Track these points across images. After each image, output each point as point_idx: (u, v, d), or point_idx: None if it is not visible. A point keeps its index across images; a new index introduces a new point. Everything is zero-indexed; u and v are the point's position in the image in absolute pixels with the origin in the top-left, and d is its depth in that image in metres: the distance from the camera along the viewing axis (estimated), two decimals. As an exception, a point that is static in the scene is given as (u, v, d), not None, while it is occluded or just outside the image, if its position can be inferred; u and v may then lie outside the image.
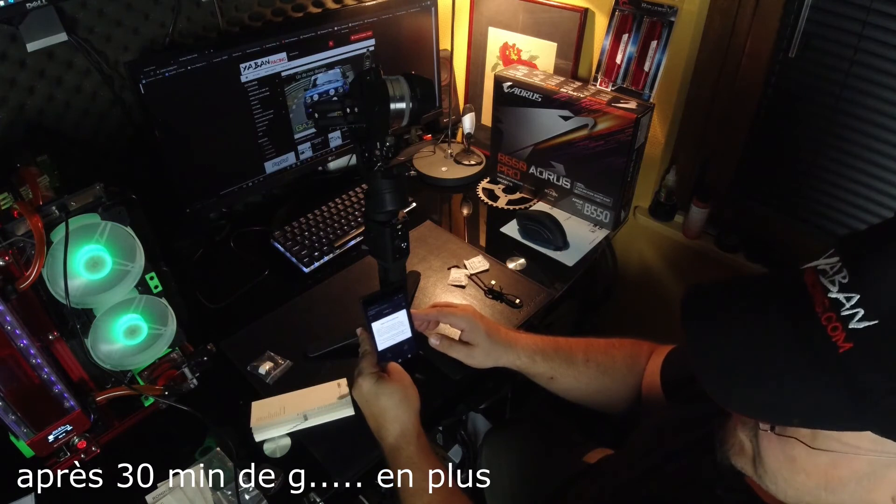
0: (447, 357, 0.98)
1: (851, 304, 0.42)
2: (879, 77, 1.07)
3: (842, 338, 0.42)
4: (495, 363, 0.89)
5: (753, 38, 1.17)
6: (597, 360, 0.88)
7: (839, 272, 0.44)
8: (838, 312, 0.43)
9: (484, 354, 0.88)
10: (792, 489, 0.49)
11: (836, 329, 0.43)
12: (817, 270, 0.46)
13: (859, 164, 1.16)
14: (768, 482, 0.51)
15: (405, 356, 0.94)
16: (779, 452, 0.48)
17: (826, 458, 0.45)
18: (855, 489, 0.46)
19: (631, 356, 0.88)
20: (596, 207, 1.29)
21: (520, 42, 1.42)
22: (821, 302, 0.44)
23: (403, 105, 0.84)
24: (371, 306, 0.89)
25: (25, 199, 0.78)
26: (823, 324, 0.44)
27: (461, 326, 0.89)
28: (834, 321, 0.43)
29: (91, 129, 1.10)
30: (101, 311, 0.81)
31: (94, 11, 1.01)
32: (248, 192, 1.23)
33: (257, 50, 1.10)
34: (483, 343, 0.88)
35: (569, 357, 0.88)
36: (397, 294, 0.90)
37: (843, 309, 0.43)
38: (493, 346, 0.88)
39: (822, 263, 0.46)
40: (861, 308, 0.42)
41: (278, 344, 1.02)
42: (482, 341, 0.88)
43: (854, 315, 0.42)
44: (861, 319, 0.42)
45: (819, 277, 0.45)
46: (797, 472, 0.48)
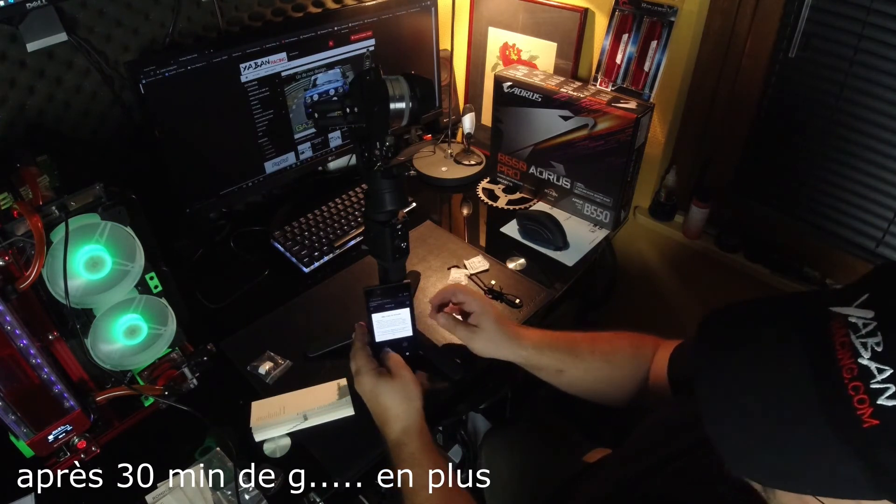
0: (447, 357, 0.99)
1: (883, 378, 0.39)
2: (879, 77, 1.07)
3: (868, 413, 0.39)
4: (496, 352, 0.89)
5: (753, 38, 1.17)
6: (602, 349, 0.89)
7: (873, 335, 0.40)
8: (867, 384, 0.39)
9: (487, 340, 0.88)
10: None
11: (862, 402, 0.39)
12: (847, 323, 0.42)
13: (859, 164, 1.16)
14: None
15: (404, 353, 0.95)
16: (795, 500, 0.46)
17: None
18: None
19: (635, 347, 0.88)
20: (596, 207, 1.29)
21: (520, 42, 1.42)
22: (849, 367, 0.41)
23: (403, 105, 0.84)
24: (373, 298, 0.90)
25: (25, 199, 0.78)
26: (850, 394, 0.40)
27: (472, 308, 0.89)
28: (861, 392, 0.40)
29: (91, 129, 1.10)
30: (101, 311, 0.81)
31: (94, 11, 1.01)
32: (248, 192, 1.23)
33: (257, 50, 1.10)
34: (489, 328, 0.88)
35: (574, 348, 0.89)
36: (402, 292, 0.91)
37: (873, 381, 0.39)
38: (498, 334, 0.88)
39: (854, 316, 0.42)
40: (893, 384, 0.39)
41: (278, 344, 1.02)
42: (489, 326, 0.88)
43: (885, 391, 0.39)
44: (891, 397, 0.38)
45: (850, 335, 0.41)
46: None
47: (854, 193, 1.19)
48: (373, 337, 0.94)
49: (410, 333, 0.95)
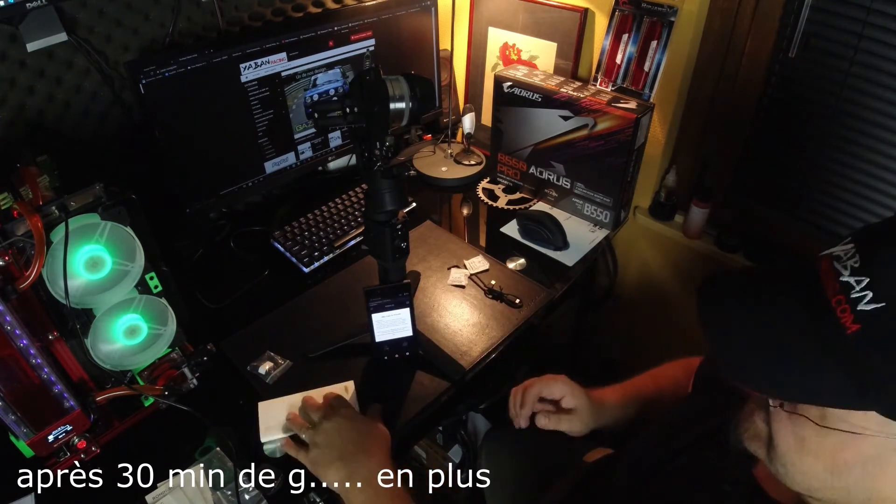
0: (447, 357, 0.99)
1: (861, 287, 0.43)
2: (879, 77, 1.07)
3: (850, 319, 0.43)
4: (597, 423, 0.88)
5: (753, 38, 1.17)
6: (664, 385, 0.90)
7: (852, 257, 0.45)
8: (848, 295, 0.44)
9: (588, 415, 0.87)
10: (800, 473, 0.50)
11: (844, 311, 0.44)
12: (832, 257, 0.47)
13: (859, 164, 1.16)
14: (779, 465, 0.51)
15: (403, 353, 0.95)
16: (789, 433, 0.49)
17: (834, 438, 0.46)
18: (861, 474, 0.46)
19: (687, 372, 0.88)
20: (596, 207, 1.29)
21: (520, 42, 1.42)
22: (832, 286, 0.45)
23: (403, 105, 0.84)
24: (373, 298, 0.90)
25: (25, 199, 0.78)
26: (833, 306, 0.45)
27: (561, 393, 0.88)
28: (843, 303, 0.44)
29: (91, 129, 1.10)
30: (101, 311, 0.81)
31: (94, 11, 1.01)
32: (248, 192, 1.23)
33: (257, 50, 1.10)
34: (584, 405, 0.87)
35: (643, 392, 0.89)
36: (402, 292, 0.91)
37: (853, 292, 0.44)
38: (592, 406, 0.88)
39: (838, 250, 0.47)
40: (870, 290, 0.43)
41: (278, 344, 1.02)
42: (583, 404, 0.87)
43: (863, 297, 0.43)
44: (869, 301, 0.43)
45: (833, 263, 0.46)
46: (806, 453, 0.48)
47: (854, 193, 1.19)
48: (373, 337, 0.95)
49: (410, 333, 0.95)
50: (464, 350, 1.01)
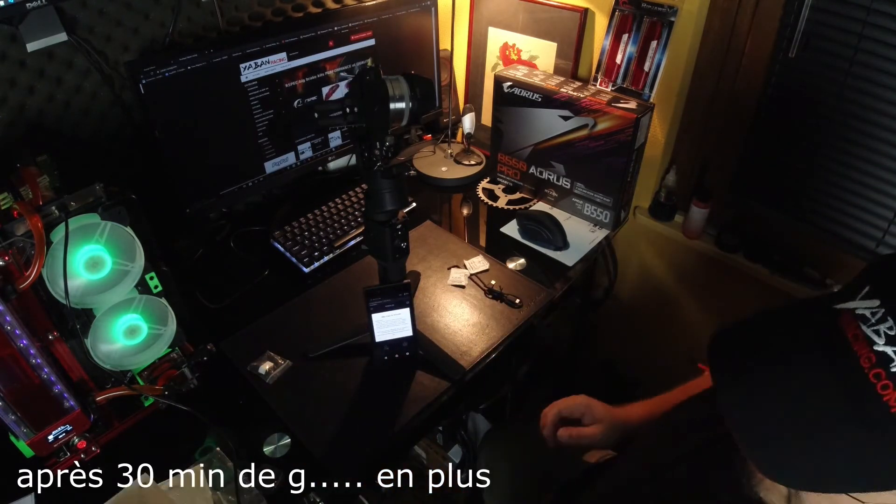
0: (447, 357, 0.99)
1: None
2: (879, 77, 1.07)
3: (894, 398, 0.39)
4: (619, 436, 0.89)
5: (753, 38, 1.17)
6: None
7: (883, 321, 0.41)
8: (887, 369, 0.40)
9: (610, 429, 0.88)
10: None
11: (886, 388, 0.40)
12: (856, 316, 0.42)
13: (859, 164, 1.16)
14: None
15: (403, 353, 0.95)
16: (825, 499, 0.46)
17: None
18: None
19: None
20: (596, 207, 1.29)
21: (520, 42, 1.42)
22: (866, 356, 0.41)
23: (403, 105, 0.84)
24: (373, 298, 0.90)
25: (25, 199, 0.78)
26: (872, 381, 0.40)
27: (580, 411, 0.90)
28: (884, 378, 0.40)
29: (91, 129, 1.10)
30: (101, 311, 0.81)
31: (94, 11, 1.01)
32: (248, 192, 1.23)
33: (257, 50, 1.10)
34: (605, 418, 0.89)
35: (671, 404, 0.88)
36: (402, 292, 0.91)
37: (893, 365, 0.40)
38: (614, 422, 0.89)
39: (861, 307, 0.42)
40: None
41: (278, 344, 1.02)
42: (604, 417, 0.89)
43: None
44: None
45: (860, 326, 0.42)
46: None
47: (854, 193, 1.19)
48: (373, 337, 0.95)
49: (410, 333, 0.95)
50: (464, 350, 1.01)
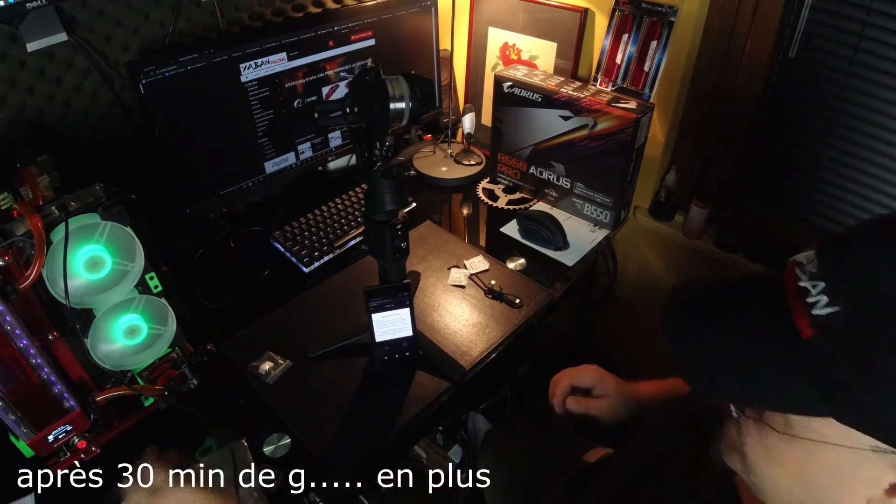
0: (447, 357, 0.99)
1: (817, 292, 0.43)
2: (879, 77, 1.07)
3: (805, 324, 0.43)
4: (629, 413, 0.89)
5: (753, 38, 1.17)
6: None
7: (811, 262, 0.45)
8: (804, 300, 0.44)
9: (619, 402, 0.88)
10: (769, 484, 0.50)
11: (800, 315, 0.44)
12: (796, 263, 0.47)
13: (859, 164, 1.16)
14: (751, 476, 0.51)
15: (403, 353, 0.95)
16: (757, 443, 0.49)
17: (798, 447, 0.45)
18: (829, 487, 0.45)
19: None
20: (596, 207, 1.29)
21: (520, 42, 1.42)
22: (791, 291, 0.45)
23: (403, 105, 0.84)
24: (373, 298, 0.90)
25: (25, 199, 0.78)
26: (790, 309, 0.45)
27: (591, 382, 0.90)
28: (799, 307, 0.44)
29: (91, 129, 1.10)
30: (101, 311, 0.81)
31: (94, 11, 1.01)
32: (248, 192, 1.23)
33: (257, 50, 1.10)
34: (615, 391, 0.89)
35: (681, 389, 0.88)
36: (402, 292, 0.91)
37: (809, 296, 0.44)
38: (624, 395, 0.88)
39: (801, 256, 0.47)
40: (825, 295, 0.43)
41: (278, 344, 1.02)
42: (614, 390, 0.89)
43: (818, 302, 0.43)
44: (825, 306, 0.43)
45: (795, 269, 0.46)
46: (773, 463, 0.48)
47: (854, 193, 1.19)
48: (373, 337, 0.95)
49: (410, 333, 0.95)
50: (464, 350, 1.01)
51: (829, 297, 0.42)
